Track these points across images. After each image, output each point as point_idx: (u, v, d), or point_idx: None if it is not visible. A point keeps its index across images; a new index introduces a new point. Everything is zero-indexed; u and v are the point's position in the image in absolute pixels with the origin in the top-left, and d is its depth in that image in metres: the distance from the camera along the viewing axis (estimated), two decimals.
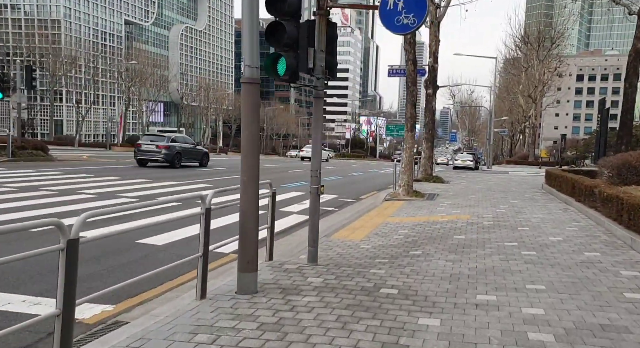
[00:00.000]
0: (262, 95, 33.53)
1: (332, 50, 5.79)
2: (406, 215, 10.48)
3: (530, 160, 52.01)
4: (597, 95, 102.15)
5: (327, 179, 20.84)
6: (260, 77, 4.52)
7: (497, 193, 15.07)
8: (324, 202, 12.61)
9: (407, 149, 13.85)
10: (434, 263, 5.90)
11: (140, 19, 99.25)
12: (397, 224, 9.28)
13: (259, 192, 4.50)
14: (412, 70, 13.60)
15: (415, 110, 13.88)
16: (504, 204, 11.97)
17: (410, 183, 13.82)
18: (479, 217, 9.81)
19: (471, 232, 8.17)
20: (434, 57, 18.34)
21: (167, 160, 20.97)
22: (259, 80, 4.42)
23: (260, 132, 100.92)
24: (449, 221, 9.42)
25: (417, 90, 13.92)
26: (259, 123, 4.49)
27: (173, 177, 16.91)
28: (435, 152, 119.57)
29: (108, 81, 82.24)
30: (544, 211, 10.57)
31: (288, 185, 16.29)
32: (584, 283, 4.97)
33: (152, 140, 21.93)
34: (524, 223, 8.95)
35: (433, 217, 10.08)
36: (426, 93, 18.95)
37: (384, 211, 11.13)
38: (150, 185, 13.87)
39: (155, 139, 22.47)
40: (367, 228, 8.79)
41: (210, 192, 4.38)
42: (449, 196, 14.06)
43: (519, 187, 17.80)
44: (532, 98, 47.82)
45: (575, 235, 7.62)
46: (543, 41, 47.22)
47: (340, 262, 6.03)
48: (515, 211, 10.63)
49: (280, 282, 4.90)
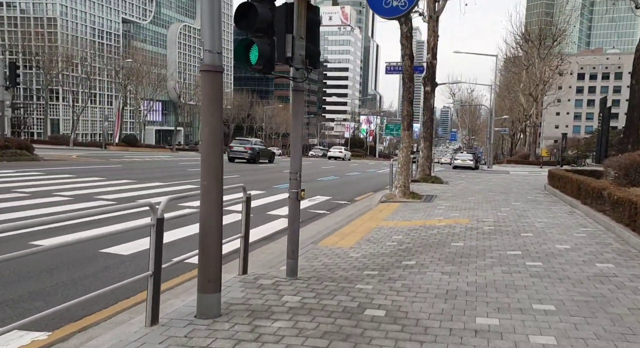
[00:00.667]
0: (260, 94, 32.61)
1: (314, 38, 5.16)
2: (401, 218, 9.84)
3: (531, 160, 51.34)
4: (598, 94, 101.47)
5: (323, 179, 20.22)
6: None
7: (498, 194, 14.43)
8: (315, 205, 11.99)
9: (403, 148, 13.21)
10: (429, 277, 5.26)
11: (138, 17, 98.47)
12: (391, 229, 8.65)
13: (236, 196, 3.93)
14: (409, 65, 12.95)
15: (412, 108, 13.23)
16: (506, 207, 11.33)
17: (407, 184, 13.18)
18: (479, 222, 9.17)
19: (470, 238, 7.53)
20: (433, 53, 17.69)
21: (252, 158, 27.52)
22: (222, 67, 3.78)
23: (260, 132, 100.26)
24: (446, 226, 8.79)
25: (415, 87, 13.27)
26: (222, 117, 3.84)
27: (161, 178, 16.27)
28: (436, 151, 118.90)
29: (105, 80, 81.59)
30: (548, 215, 9.93)
31: (280, 186, 15.63)
32: (600, 303, 4.33)
33: (240, 143, 30.61)
34: (527, 228, 8.31)
35: (430, 221, 9.45)
36: (424, 90, 18.30)
37: (378, 214, 10.50)
38: (133, 187, 13.24)
39: (242, 142, 31.05)
40: (358, 234, 8.16)
41: (163, 200, 3.74)
42: (448, 198, 13.42)
43: (521, 187, 17.16)
44: (533, 96, 47.12)
45: (584, 243, 6.98)
46: (544, 39, 46.51)
47: (324, 274, 5.39)
48: (517, 214, 9.99)
49: (251, 302, 4.26)
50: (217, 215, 3.80)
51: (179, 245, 6.79)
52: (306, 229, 8.78)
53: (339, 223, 9.34)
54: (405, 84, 13.09)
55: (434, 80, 18.19)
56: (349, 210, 11.37)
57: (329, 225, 9.21)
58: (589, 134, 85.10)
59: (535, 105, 47.70)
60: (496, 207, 11.23)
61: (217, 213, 3.80)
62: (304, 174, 5.90)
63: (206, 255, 3.79)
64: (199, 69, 3.86)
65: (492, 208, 11.14)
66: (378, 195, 13.88)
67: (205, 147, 3.76)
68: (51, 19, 77.38)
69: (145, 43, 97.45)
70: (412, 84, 13.16)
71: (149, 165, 23.13)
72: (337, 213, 10.86)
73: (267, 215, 9.88)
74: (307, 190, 14.76)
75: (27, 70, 67.99)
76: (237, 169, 22.52)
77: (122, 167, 20.25)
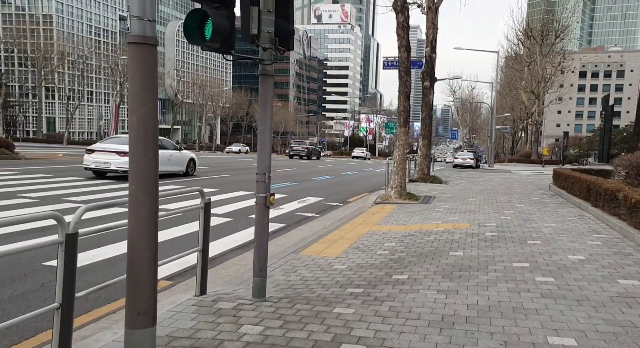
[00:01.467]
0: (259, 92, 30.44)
1: (286, 14, 4.33)
2: (396, 222, 9.03)
3: (533, 159, 50.44)
4: (600, 92, 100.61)
5: (317, 179, 19.41)
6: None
7: (500, 195, 13.61)
8: (304, 207, 11.17)
9: (399, 146, 12.39)
10: (422, 296, 4.45)
11: None
12: (384, 235, 7.84)
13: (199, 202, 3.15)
14: (405, 58, 12.13)
15: (409, 103, 12.42)
16: (509, 209, 10.51)
17: (403, 184, 12.37)
18: (480, 226, 8.36)
19: (471, 246, 6.71)
20: (432, 46, 16.85)
21: (307, 155, 33.36)
22: (156, 40, 2.96)
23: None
24: (444, 231, 7.98)
25: (415, 84, 12.45)
26: (156, 103, 3.02)
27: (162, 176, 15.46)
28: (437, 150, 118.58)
29: (102, 78, 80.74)
30: (556, 218, 9.11)
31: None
32: (632, 336, 3.51)
33: (298, 144, 43.27)
34: (534, 234, 7.49)
35: (427, 225, 8.63)
36: (423, 86, 17.47)
37: (371, 217, 9.68)
38: (111, 187, 12.44)
39: (300, 143, 44.27)
40: (347, 241, 7.35)
41: (79, 211, 2.92)
42: (447, 199, 12.60)
43: (524, 188, 16.34)
44: (535, 94, 46.20)
45: (600, 253, 6.16)
46: (547, 35, 45.57)
47: (300, 293, 4.59)
48: (522, 218, 9.17)
49: (199, 335, 3.44)
50: (149, 230, 2.99)
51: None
52: (289, 235, 7.98)
53: (327, 228, 8.53)
54: (402, 78, 12.27)
55: (433, 75, 17.36)
56: (340, 213, 10.56)
57: (315, 230, 8.40)
58: (591, 132, 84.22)
59: (537, 103, 46.77)
60: (499, 210, 10.42)
61: (149, 227, 2.98)
62: (299, 173, 5.26)
63: (135, 280, 2.97)
64: (127, 41, 3.03)
65: (495, 210, 10.33)
66: (373, 197, 13.08)
67: (134, 142, 2.94)
68: (47, 16, 76.48)
69: None
70: (409, 77, 12.34)
71: None
72: (326, 217, 10.05)
73: (250, 219, 9.07)
74: (299, 190, 13.92)
75: (23, 67, 67.24)
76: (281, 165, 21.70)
77: None
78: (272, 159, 4.55)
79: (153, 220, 3.01)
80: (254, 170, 17.50)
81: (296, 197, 12.64)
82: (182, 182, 14.56)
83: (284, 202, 11.65)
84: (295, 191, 14.18)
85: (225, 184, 14.83)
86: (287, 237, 7.85)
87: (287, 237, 7.81)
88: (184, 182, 14.58)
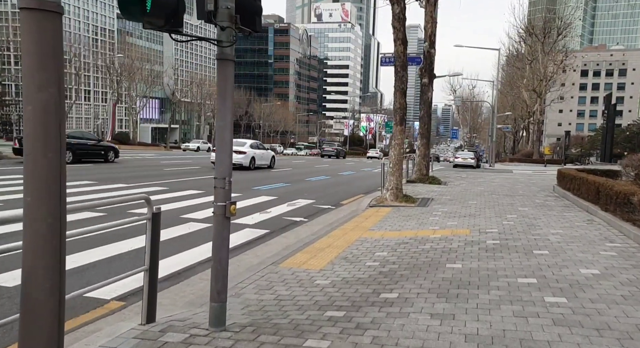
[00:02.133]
0: (259, 91, 30.51)
1: None
2: (390, 228, 8.34)
3: (535, 158, 49.67)
4: (602, 91, 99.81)
5: (312, 180, 18.72)
6: None
7: (502, 197, 12.91)
8: (293, 211, 10.48)
9: (395, 146, 11.70)
10: (412, 323, 3.77)
11: None
12: (376, 242, 7.16)
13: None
14: (402, 51, 11.43)
15: (405, 100, 11.72)
16: (512, 213, 9.81)
17: (399, 186, 11.68)
18: (481, 232, 7.67)
19: (470, 257, 6.03)
20: (430, 41, 16.15)
21: (336, 155, 31.51)
22: (59, 6, 2.27)
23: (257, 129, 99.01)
24: (442, 238, 7.29)
25: (409, 77, 11.74)
26: (62, 87, 2.32)
27: (127, 178, 14.78)
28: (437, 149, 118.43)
29: (100, 76, 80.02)
30: (564, 224, 8.41)
31: (261, 188, 14.15)
32: None
33: (329, 146, 53.22)
34: (540, 243, 6.80)
35: (423, 231, 7.95)
36: (421, 83, 16.77)
37: (363, 222, 8.99)
38: (87, 189, 11.75)
39: (330, 144, 54.15)
40: (334, 250, 6.66)
41: None
42: (446, 201, 11.91)
43: (527, 189, 15.64)
44: (537, 92, 45.41)
45: (616, 266, 5.47)
46: (549, 32, 44.77)
47: (269, 318, 3.90)
48: (526, 223, 8.47)
49: None
50: (50, 253, 2.30)
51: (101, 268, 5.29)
52: (272, 243, 7.29)
53: (315, 234, 7.84)
54: (398, 73, 11.57)
55: (432, 72, 16.65)
56: (332, 217, 9.87)
57: (302, 237, 7.71)
58: (593, 131, 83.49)
59: (539, 101, 45.98)
60: (501, 214, 9.73)
61: (50, 250, 2.30)
62: (294, 173, 4.64)
63: (31, 322, 2.29)
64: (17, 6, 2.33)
65: (497, 214, 9.64)
66: (368, 199, 12.38)
67: (29, 138, 2.26)
68: None
69: (141, 39, 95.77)
70: (406, 73, 11.64)
71: (125, 164, 21.63)
72: (316, 221, 9.36)
73: (232, 225, 8.38)
74: (291, 192, 13.25)
75: (19, 66, 66.43)
76: None
77: (91, 165, 18.75)
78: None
79: (56, 240, 2.32)
80: (242, 172, 16.70)
81: (286, 200, 11.95)
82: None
83: (272, 205, 10.96)
84: (287, 193, 13.50)
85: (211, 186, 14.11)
86: (269, 245, 7.16)
87: (269, 246, 7.12)
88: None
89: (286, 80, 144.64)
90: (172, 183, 13.77)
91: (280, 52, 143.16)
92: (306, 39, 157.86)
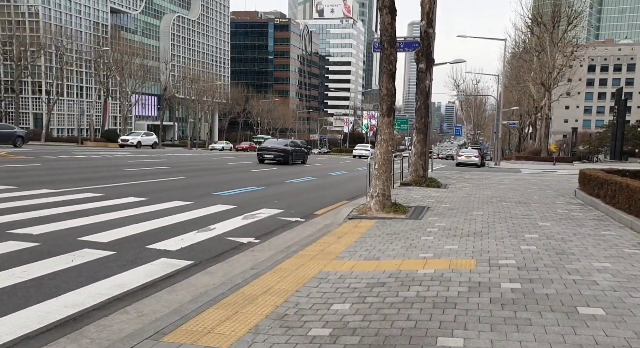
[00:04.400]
0: (259, 88, 28.60)
1: None
2: (365, 255, 6.00)
3: (543, 156, 47.06)
4: (609, 87, 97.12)
5: (294, 182, 16.39)
6: None
7: (514, 205, 10.53)
8: (246, 226, 8.11)
9: (382, 142, 9.33)
10: None
11: (128, 7, 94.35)
12: (340, 283, 4.83)
13: None
14: (389, 22, 9.04)
15: (394, 85, 9.34)
16: (531, 231, 7.43)
17: (386, 192, 9.32)
18: (492, 266, 5.32)
19: (477, 320, 3.68)
20: (428, 19, 13.73)
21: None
22: None
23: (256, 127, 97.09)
24: (435, 276, 4.95)
25: (396, 54, 9.34)
26: None
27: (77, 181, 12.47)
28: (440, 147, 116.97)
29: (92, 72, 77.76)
30: (607, 250, 6.04)
31: (223, 193, 11.80)
32: None
33: (363, 147, 49.77)
34: (585, 289, 4.43)
35: (409, 262, 5.60)
36: (417, 69, 14.38)
37: (333, 244, 6.64)
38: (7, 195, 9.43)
39: (364, 146, 50.91)
40: (272, 299, 4.34)
41: None
42: (444, 211, 9.54)
43: (543, 193, 13.24)
44: (545, 86, 42.81)
45: None
46: (558, 21, 42.14)
47: None
48: (554, 249, 6.10)
49: None
50: None
51: None
52: (178, 289, 4.89)
53: (255, 268, 5.48)
54: (385, 51, 9.20)
55: (430, 56, 14.24)
56: (292, 237, 7.50)
57: (233, 274, 5.35)
58: (600, 128, 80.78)
59: (547, 95, 43.37)
60: (516, 231, 7.36)
61: None
62: (276, 174, 2.90)
63: None
64: None
65: (510, 232, 7.27)
66: (349, 208, 9.99)
67: None
68: (31, 7, 73.45)
69: (136, 34, 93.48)
70: (395, 50, 9.26)
71: (86, 163, 19.36)
72: (269, 244, 6.99)
73: (145, 252, 6.04)
74: (258, 198, 10.70)
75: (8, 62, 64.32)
76: None
77: (42, 166, 16.45)
78: None
79: None
80: (219, 171, 13.48)
81: (247, 209, 9.59)
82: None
83: (222, 217, 8.60)
84: (253, 199, 11.15)
85: (164, 190, 11.80)
86: (175, 291, 4.78)
87: (174, 293, 4.75)
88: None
89: (287, 77, 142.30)
90: (114, 189, 11.43)
91: (281, 48, 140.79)
92: (307, 34, 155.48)
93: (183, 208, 9.20)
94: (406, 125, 39.03)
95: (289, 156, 26.49)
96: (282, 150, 26.53)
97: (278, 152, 26.35)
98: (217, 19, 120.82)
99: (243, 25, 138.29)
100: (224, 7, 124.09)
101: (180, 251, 6.14)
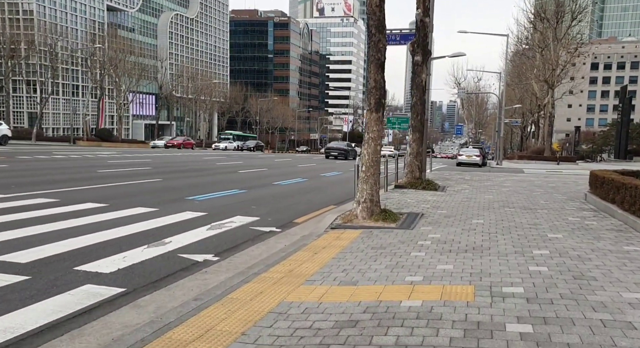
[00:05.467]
0: (258, 87, 27.25)
1: None
2: (342, 277, 4.91)
3: (546, 155, 45.81)
4: (613, 85, 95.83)
5: (282, 183, 15.31)
6: None
7: (519, 212, 9.42)
8: (210, 239, 6.99)
9: (369, 141, 8.23)
10: None
11: (124, 4, 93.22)
12: (301, 319, 3.75)
13: None
14: (377, 4, 7.94)
15: (383, 76, 8.24)
16: (541, 246, 6.33)
17: (374, 198, 8.22)
18: (494, 296, 4.23)
19: None
20: (424, 7, 12.61)
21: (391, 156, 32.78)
22: None
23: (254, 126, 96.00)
24: (422, 312, 3.86)
25: (385, 41, 8.23)
26: None
27: (38, 184, 11.40)
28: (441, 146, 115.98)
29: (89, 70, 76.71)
30: (637, 273, 4.94)
31: (198, 198, 10.70)
32: None
33: (387, 148, 42.17)
34: (619, 337, 3.33)
35: (392, 288, 4.51)
36: (413, 61, 13.27)
37: (304, 264, 5.55)
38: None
39: (387, 147, 43.32)
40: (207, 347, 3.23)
41: None
42: (440, 219, 8.43)
43: (550, 197, 12.12)
44: (549, 83, 41.60)
45: None
46: (562, 17, 40.95)
47: None
48: (570, 272, 4.99)
49: None
50: None
51: None
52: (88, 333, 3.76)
53: (199, 300, 4.37)
54: (372, 37, 8.11)
55: (426, 48, 13.12)
56: (259, 253, 6.39)
57: (167, 308, 4.24)
58: (603, 127, 79.47)
59: (550, 93, 42.14)
60: (522, 246, 6.26)
61: None
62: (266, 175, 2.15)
63: None
64: None
65: (516, 247, 6.18)
66: (333, 215, 8.90)
67: None
68: (26, 4, 72.36)
69: (133, 32, 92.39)
70: (383, 36, 8.16)
71: (62, 164, 18.28)
72: (229, 263, 5.88)
73: (69, 276, 4.94)
74: (234, 203, 9.01)
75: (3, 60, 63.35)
76: None
77: (9, 167, 15.38)
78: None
79: None
80: (204, 172, 11.89)
81: (215, 218, 8.46)
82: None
83: (186, 227, 7.49)
84: (227, 205, 10.03)
85: (132, 195, 10.70)
86: (75, 340, 3.65)
87: (73, 342, 3.62)
88: None
89: (287, 76, 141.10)
90: (74, 193, 10.34)
91: (281, 47, 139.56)
92: (307, 33, 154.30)
93: (144, 217, 8.10)
94: (407, 124, 37.92)
95: (347, 153, 36.46)
96: (343, 149, 37.39)
97: (340, 151, 37.14)
98: (216, 17, 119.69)
99: (242, 23, 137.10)
100: (223, 6, 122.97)
101: (113, 274, 5.04)
